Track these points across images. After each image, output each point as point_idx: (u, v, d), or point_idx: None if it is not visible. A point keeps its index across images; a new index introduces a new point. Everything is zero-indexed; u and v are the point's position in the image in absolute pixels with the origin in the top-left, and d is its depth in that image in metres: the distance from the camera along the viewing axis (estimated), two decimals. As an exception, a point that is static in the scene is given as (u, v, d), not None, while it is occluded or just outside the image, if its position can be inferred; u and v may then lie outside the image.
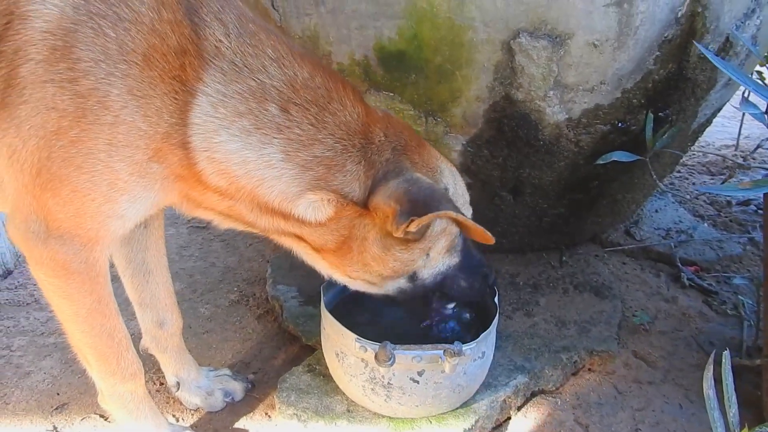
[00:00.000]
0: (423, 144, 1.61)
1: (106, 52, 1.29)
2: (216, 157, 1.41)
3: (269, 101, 1.41)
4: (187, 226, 3.16)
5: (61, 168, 1.34)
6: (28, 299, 2.60)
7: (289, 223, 1.54)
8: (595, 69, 2.00)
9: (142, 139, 1.36)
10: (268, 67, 1.41)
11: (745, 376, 2.04)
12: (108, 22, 1.29)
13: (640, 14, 1.91)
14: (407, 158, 1.54)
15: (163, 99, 1.35)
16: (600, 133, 2.17)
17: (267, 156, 1.42)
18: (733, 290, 2.52)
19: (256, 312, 2.49)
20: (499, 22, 1.90)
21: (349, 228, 1.53)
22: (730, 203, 3.20)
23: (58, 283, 1.47)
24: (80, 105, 1.30)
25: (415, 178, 1.49)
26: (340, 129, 1.47)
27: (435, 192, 1.48)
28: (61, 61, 1.28)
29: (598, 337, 2.18)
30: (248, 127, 1.40)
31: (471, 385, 1.83)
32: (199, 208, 1.57)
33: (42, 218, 1.39)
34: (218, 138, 1.40)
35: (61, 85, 1.28)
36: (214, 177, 1.44)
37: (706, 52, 1.79)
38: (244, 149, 1.41)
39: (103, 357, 1.61)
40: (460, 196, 1.65)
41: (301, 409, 1.84)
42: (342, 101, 1.48)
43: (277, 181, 1.45)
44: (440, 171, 1.60)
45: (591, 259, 2.69)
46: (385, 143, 1.52)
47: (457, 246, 1.67)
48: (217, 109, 1.38)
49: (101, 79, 1.29)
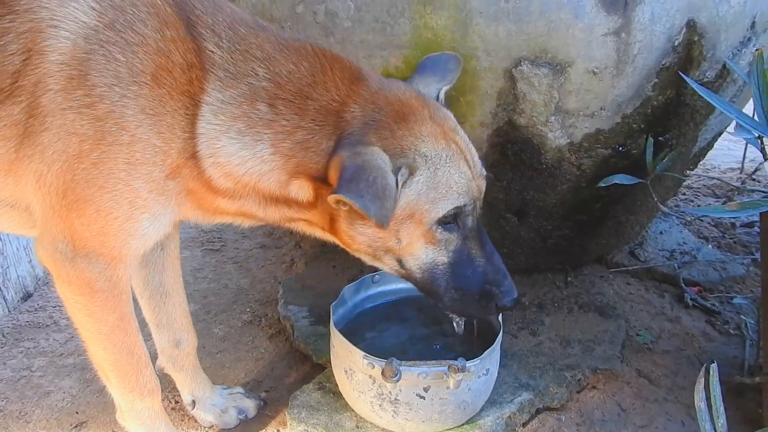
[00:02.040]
0: (407, 121, 1.52)
1: (117, 76, 1.38)
2: (220, 161, 1.49)
3: (259, 101, 1.48)
4: (201, 249, 3.24)
5: (85, 189, 1.42)
6: (47, 321, 2.68)
7: (293, 209, 1.59)
8: (595, 95, 2.06)
9: (158, 155, 1.45)
10: (256, 69, 1.48)
11: (747, 395, 2.09)
12: (117, 48, 1.38)
13: (637, 43, 1.98)
14: (375, 133, 1.48)
15: (174, 115, 1.44)
16: (601, 156, 2.24)
17: (260, 152, 1.49)
18: (735, 310, 2.55)
19: (268, 332, 2.55)
20: (501, 51, 1.97)
21: (327, 205, 1.52)
22: (735, 225, 3.24)
23: (83, 301, 1.53)
24: (99, 128, 1.38)
25: (358, 152, 1.44)
26: (320, 113, 1.50)
27: (358, 171, 1.40)
28: (78, 89, 1.37)
29: (602, 355, 2.23)
30: (242, 128, 1.48)
31: (476, 402, 1.88)
32: (215, 215, 1.64)
33: (69, 238, 1.47)
34: (219, 143, 1.48)
35: (80, 110, 1.38)
36: (222, 180, 1.52)
37: (691, 82, 1.85)
38: (241, 149, 1.49)
39: (123, 374, 1.67)
40: (443, 185, 1.52)
41: (312, 426, 1.90)
42: (325, 85, 1.51)
43: (271, 173, 1.51)
44: (416, 152, 1.49)
45: (596, 279, 2.73)
46: (358, 118, 1.50)
47: (444, 242, 1.59)
48: (218, 116, 1.46)
49: (116, 102, 1.38)
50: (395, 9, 1.97)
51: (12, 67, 1.37)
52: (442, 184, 1.52)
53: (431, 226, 1.55)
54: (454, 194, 1.54)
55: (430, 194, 1.52)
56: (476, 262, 1.62)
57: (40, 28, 1.37)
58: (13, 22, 1.37)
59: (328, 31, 2.08)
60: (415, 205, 1.52)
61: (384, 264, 1.64)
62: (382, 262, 1.63)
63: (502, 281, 1.64)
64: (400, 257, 1.60)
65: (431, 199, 1.52)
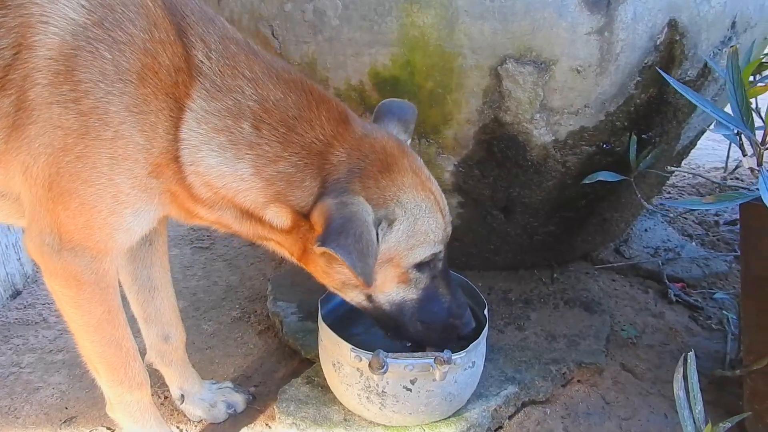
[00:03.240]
0: (390, 171, 1.58)
1: (103, 72, 1.40)
2: (200, 170, 1.52)
3: (243, 119, 1.50)
4: (190, 247, 3.25)
5: (69, 182, 1.44)
6: (36, 318, 2.68)
7: (266, 229, 1.62)
8: (579, 93, 2.10)
9: (140, 152, 1.46)
10: (244, 87, 1.50)
11: (728, 388, 2.12)
12: (105, 46, 1.40)
13: (620, 42, 2.01)
14: (360, 182, 1.54)
15: (158, 115, 1.46)
16: (586, 154, 2.27)
17: (240, 171, 1.52)
18: (717, 306, 2.60)
19: (257, 328, 2.57)
20: (486, 49, 2.00)
21: (304, 239, 1.59)
22: (718, 223, 3.29)
23: (70, 293, 1.55)
24: (83, 123, 1.41)
25: (346, 202, 1.49)
26: (304, 149, 1.53)
27: (346, 225, 1.45)
28: (65, 84, 1.39)
29: (587, 350, 2.26)
30: (225, 143, 1.50)
31: (462, 394, 1.90)
32: (195, 219, 1.66)
33: (55, 230, 1.49)
34: (200, 153, 1.50)
35: (66, 105, 1.40)
36: (201, 189, 1.54)
37: (670, 80, 1.89)
38: (222, 164, 1.51)
39: (111, 366, 1.69)
40: (421, 234, 1.61)
41: (300, 419, 1.92)
42: (311, 122, 1.54)
43: (248, 192, 1.54)
44: (397, 202, 1.56)
45: (581, 276, 2.77)
46: (344, 164, 1.55)
47: (416, 281, 1.68)
48: (200, 125, 1.48)
49: (100, 98, 1.40)
50: (383, 7, 2.00)
51: (2, 61, 1.39)
52: (420, 232, 1.61)
53: (407, 269, 1.66)
54: (430, 242, 1.64)
55: (410, 241, 1.61)
56: (442, 299, 1.75)
57: (31, 24, 1.39)
58: (5, 17, 1.39)
59: (317, 30, 2.10)
60: (395, 251, 1.61)
61: (348, 296, 1.73)
62: (347, 295, 1.73)
63: (463, 314, 1.79)
64: (369, 294, 1.69)
65: (410, 246, 1.61)
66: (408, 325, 1.74)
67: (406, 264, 1.64)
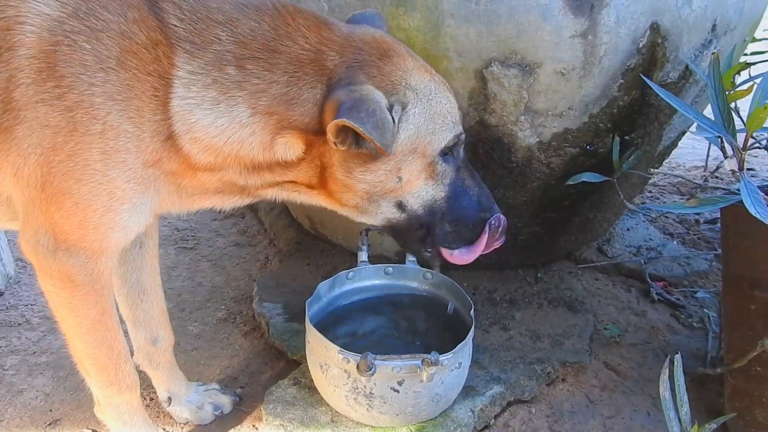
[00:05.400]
0: (389, 56, 1.54)
1: (84, 64, 1.38)
2: (197, 135, 1.48)
3: (227, 65, 1.46)
4: (174, 247, 3.24)
5: (62, 182, 1.42)
6: (19, 320, 2.66)
7: (276, 172, 1.58)
8: (563, 96, 2.12)
9: (131, 141, 1.44)
10: (219, 34, 1.46)
11: (709, 385, 2.16)
12: (82, 36, 1.38)
13: (603, 45, 2.04)
14: (363, 72, 1.49)
15: (142, 97, 1.42)
16: (570, 155, 2.29)
17: (237, 116, 1.47)
18: (699, 304, 2.63)
19: (243, 329, 2.56)
20: (472, 52, 2.02)
21: (320, 157, 1.55)
22: (698, 222, 3.33)
23: (65, 294, 1.54)
24: (70, 118, 1.38)
25: (353, 90, 1.44)
26: (292, 64, 1.48)
27: (357, 103, 1.40)
28: (48, 81, 1.37)
29: (571, 349, 2.29)
30: (216, 96, 1.46)
31: (449, 395, 1.92)
32: (195, 195, 1.63)
33: (50, 231, 1.47)
34: (194, 117, 1.46)
35: (51, 102, 1.38)
36: (202, 155, 1.51)
37: (652, 85, 1.92)
38: (218, 118, 1.47)
39: (102, 368, 1.68)
40: (439, 115, 1.56)
41: (287, 420, 1.93)
42: (291, 36, 1.50)
43: (253, 137, 1.50)
44: (406, 86, 1.52)
45: (565, 275, 2.79)
46: (340, 64, 1.50)
47: (443, 175, 1.62)
48: (190, 90, 1.45)
49: (84, 91, 1.38)
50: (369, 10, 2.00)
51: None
52: (438, 114, 1.56)
53: (434, 158, 1.58)
54: (450, 123, 1.59)
55: (429, 126, 1.55)
56: (470, 192, 1.68)
57: (9, 26, 1.37)
58: None
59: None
60: (416, 138, 1.54)
61: (378, 212, 1.65)
62: (376, 210, 1.64)
63: (492, 206, 1.71)
64: (399, 199, 1.61)
65: (431, 131, 1.55)
66: (437, 230, 1.66)
67: (431, 152, 1.57)
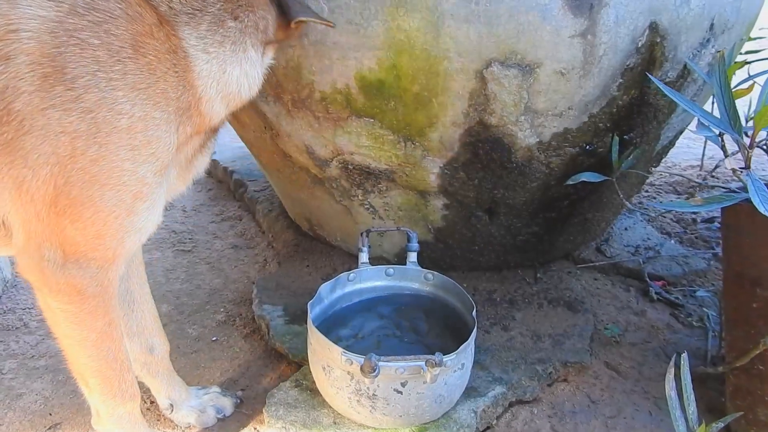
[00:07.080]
0: None
1: (97, 60, 1.31)
2: (229, 90, 1.56)
3: (226, 20, 1.52)
4: (172, 250, 3.23)
5: (83, 190, 1.34)
6: (17, 323, 2.64)
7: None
8: (563, 95, 2.12)
9: (160, 128, 1.40)
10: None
11: (710, 384, 2.16)
12: (89, 32, 1.30)
13: (603, 44, 2.04)
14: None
15: (166, 78, 1.40)
16: (569, 155, 2.30)
17: (251, 58, 1.59)
18: (698, 303, 2.64)
19: (242, 332, 2.56)
20: (472, 52, 2.02)
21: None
22: (696, 221, 3.34)
23: (72, 309, 1.46)
24: (91, 120, 1.30)
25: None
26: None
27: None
28: (57, 85, 1.28)
29: (571, 349, 2.29)
30: (232, 47, 1.54)
31: (452, 396, 1.91)
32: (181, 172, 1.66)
33: (58, 245, 1.39)
34: (225, 73, 1.54)
35: (65, 107, 1.29)
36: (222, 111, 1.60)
37: (657, 82, 1.92)
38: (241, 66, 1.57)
39: (106, 380, 1.62)
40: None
41: (290, 422, 1.92)
42: None
43: (259, 69, 1.64)
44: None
45: (564, 275, 2.80)
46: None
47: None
48: (209, 52, 1.49)
49: (104, 87, 1.31)
50: (368, 11, 2.00)
51: None
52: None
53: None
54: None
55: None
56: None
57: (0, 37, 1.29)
58: None
59: (302, 33, 2.10)
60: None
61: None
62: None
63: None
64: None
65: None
66: None
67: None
